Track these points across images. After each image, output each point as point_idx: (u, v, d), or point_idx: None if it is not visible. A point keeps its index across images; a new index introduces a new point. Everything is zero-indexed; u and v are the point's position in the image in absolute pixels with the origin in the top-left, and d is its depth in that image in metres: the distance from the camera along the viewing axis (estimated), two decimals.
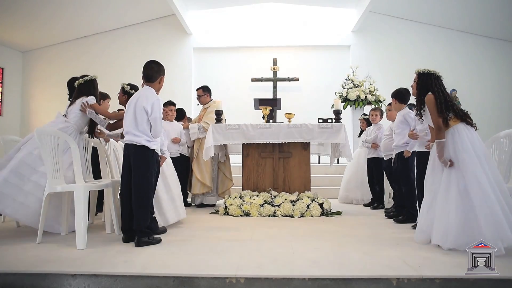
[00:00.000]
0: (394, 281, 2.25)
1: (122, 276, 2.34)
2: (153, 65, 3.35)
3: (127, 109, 3.27)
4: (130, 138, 3.17)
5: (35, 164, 3.48)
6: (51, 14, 8.63)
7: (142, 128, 3.15)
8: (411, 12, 9.39)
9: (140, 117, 3.14)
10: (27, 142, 3.63)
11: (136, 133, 3.15)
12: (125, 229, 3.24)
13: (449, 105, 3.12)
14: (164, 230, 3.64)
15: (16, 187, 3.39)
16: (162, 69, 3.38)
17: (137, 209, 3.12)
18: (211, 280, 2.29)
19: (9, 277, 2.40)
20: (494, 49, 9.53)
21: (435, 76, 3.24)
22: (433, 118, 3.13)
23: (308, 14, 9.83)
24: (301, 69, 9.71)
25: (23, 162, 3.46)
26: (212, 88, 6.19)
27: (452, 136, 3.08)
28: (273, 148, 5.20)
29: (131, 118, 3.18)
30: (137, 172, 3.15)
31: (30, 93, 9.97)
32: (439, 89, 3.18)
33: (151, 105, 3.14)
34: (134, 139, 3.15)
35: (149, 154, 3.20)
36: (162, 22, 9.90)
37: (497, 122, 9.04)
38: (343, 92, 8.45)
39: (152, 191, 3.29)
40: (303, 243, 3.20)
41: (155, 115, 3.15)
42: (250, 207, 4.70)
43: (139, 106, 3.16)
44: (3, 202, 3.33)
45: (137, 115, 3.15)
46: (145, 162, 3.17)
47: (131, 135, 3.17)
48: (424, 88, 3.24)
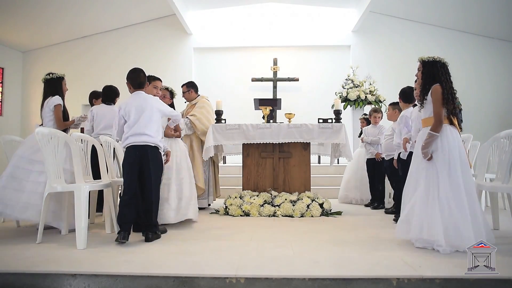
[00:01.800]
0: (394, 281, 2.25)
1: (122, 276, 2.33)
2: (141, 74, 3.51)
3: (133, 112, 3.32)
4: (144, 139, 3.31)
5: (29, 165, 3.57)
6: (51, 14, 8.63)
7: (156, 129, 3.40)
8: (411, 12, 9.39)
9: (156, 119, 3.39)
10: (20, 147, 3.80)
11: (151, 134, 3.34)
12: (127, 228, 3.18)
13: (451, 98, 3.02)
14: (164, 230, 3.64)
15: (16, 191, 3.47)
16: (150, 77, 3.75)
17: (155, 206, 3.37)
18: (211, 280, 2.29)
19: (9, 277, 2.40)
20: (493, 49, 9.53)
21: (441, 64, 3.10)
22: (435, 109, 3.01)
23: (308, 14, 9.83)
24: (301, 69, 9.71)
25: (16, 167, 3.57)
26: (212, 88, 6.18)
27: (445, 133, 3.02)
28: (273, 148, 5.20)
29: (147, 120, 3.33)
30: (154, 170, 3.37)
31: (30, 93, 9.96)
32: (445, 78, 3.06)
33: (163, 105, 3.51)
34: (149, 139, 3.33)
35: (160, 154, 3.49)
36: (162, 22, 9.90)
37: (495, 121, 9.05)
38: (343, 92, 8.45)
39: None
40: (303, 243, 3.20)
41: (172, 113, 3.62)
42: (250, 207, 4.70)
43: (155, 108, 3.39)
44: (8, 207, 3.42)
45: (152, 117, 3.36)
46: (160, 161, 3.47)
47: (146, 136, 3.31)
48: (430, 78, 3.09)
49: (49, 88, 3.99)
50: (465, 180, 2.93)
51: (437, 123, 3.00)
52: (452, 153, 2.95)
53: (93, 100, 5.20)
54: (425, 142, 3.02)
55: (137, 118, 3.30)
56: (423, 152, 3.03)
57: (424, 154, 3.03)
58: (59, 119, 3.94)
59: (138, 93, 3.42)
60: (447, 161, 2.94)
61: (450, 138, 2.99)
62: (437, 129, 3.00)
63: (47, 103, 3.94)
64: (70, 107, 4.62)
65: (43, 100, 4.01)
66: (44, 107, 3.96)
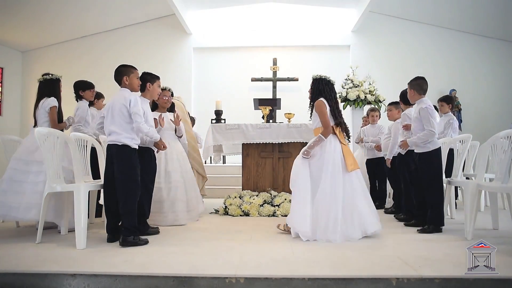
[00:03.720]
0: (394, 281, 2.25)
1: (122, 276, 2.33)
2: (117, 68, 3.36)
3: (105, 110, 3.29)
4: (110, 138, 3.20)
5: (26, 166, 3.58)
6: (51, 14, 8.62)
7: (123, 126, 3.18)
8: (411, 12, 9.39)
9: (120, 113, 3.17)
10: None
11: (116, 130, 3.17)
12: (110, 229, 3.25)
13: (337, 111, 3.58)
14: (157, 231, 3.62)
15: (18, 193, 3.48)
16: (124, 69, 3.34)
17: (123, 208, 3.12)
18: (211, 280, 2.28)
19: (9, 277, 2.39)
20: (491, 49, 9.54)
21: (326, 81, 3.64)
22: (322, 119, 3.50)
23: (308, 14, 9.83)
24: (301, 69, 9.70)
25: (14, 170, 3.58)
26: (212, 88, 6.16)
27: (328, 141, 3.46)
28: (273, 148, 5.20)
29: (111, 117, 3.21)
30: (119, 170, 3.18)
31: (29, 93, 9.94)
32: (329, 94, 3.61)
33: (128, 101, 3.18)
34: (115, 138, 3.16)
35: (131, 152, 3.21)
36: (162, 22, 9.90)
37: (494, 121, 9.04)
38: (343, 92, 8.42)
39: (138, 190, 3.22)
40: (303, 243, 3.20)
41: (134, 110, 3.17)
42: (250, 207, 4.70)
43: (119, 103, 3.19)
44: (12, 210, 3.43)
45: (115, 112, 3.18)
46: (128, 160, 3.19)
47: (112, 135, 3.18)
48: (316, 93, 3.63)
49: (45, 89, 3.93)
50: (332, 182, 3.35)
51: (326, 130, 3.46)
52: (326, 157, 3.40)
53: (94, 100, 5.13)
54: (313, 143, 3.45)
55: (106, 116, 3.26)
56: (306, 150, 3.44)
57: (306, 153, 3.44)
58: (53, 121, 3.89)
59: (119, 90, 3.32)
60: (321, 164, 3.40)
61: (328, 145, 3.44)
62: (326, 135, 3.46)
63: (43, 104, 3.87)
64: (70, 107, 4.61)
65: (38, 100, 3.93)
66: (39, 108, 3.88)
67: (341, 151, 3.48)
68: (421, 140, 3.65)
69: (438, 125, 3.84)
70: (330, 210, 3.29)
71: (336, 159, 3.42)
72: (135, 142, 3.24)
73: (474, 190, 3.45)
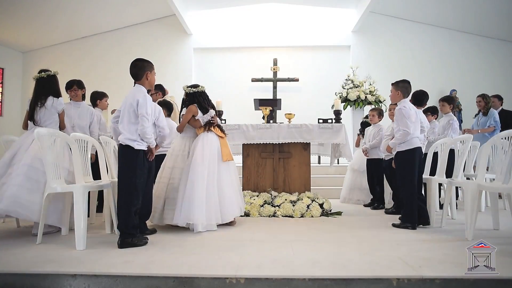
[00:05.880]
0: (394, 281, 2.25)
1: (122, 276, 2.33)
2: (137, 63, 3.27)
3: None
4: (120, 138, 3.16)
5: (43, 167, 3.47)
6: (51, 14, 8.63)
7: (127, 124, 3.13)
8: (411, 13, 9.39)
9: (128, 113, 3.12)
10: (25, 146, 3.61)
11: (123, 131, 3.13)
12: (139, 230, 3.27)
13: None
14: (154, 231, 3.63)
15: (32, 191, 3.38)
16: (146, 64, 3.27)
17: (120, 209, 3.11)
18: (211, 280, 2.29)
19: (9, 277, 2.40)
20: (492, 49, 9.54)
21: (199, 92, 4.17)
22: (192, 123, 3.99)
23: (308, 14, 9.83)
24: (301, 69, 9.72)
25: (31, 168, 3.45)
26: (212, 88, 6.16)
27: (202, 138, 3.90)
28: (273, 148, 5.20)
29: (122, 116, 3.17)
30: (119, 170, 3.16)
31: (30, 93, 9.88)
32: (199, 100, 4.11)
33: (136, 102, 3.10)
34: (121, 138, 3.13)
35: (133, 154, 3.13)
36: (162, 22, 9.91)
37: None
38: (343, 93, 8.45)
39: (137, 192, 3.13)
40: (303, 243, 3.20)
41: (141, 112, 3.09)
42: (250, 207, 4.70)
43: (127, 104, 3.13)
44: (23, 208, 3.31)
45: (125, 112, 3.14)
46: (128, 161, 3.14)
47: (121, 135, 3.15)
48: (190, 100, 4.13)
49: (45, 86, 3.81)
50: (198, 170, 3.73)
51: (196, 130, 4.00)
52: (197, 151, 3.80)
53: (97, 101, 5.11)
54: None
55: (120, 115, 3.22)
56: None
57: None
58: (63, 122, 3.92)
59: (134, 86, 3.26)
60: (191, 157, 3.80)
61: (199, 141, 3.87)
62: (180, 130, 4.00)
63: (52, 104, 3.77)
64: None
65: (37, 99, 3.78)
66: (44, 107, 3.75)
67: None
68: (399, 141, 3.87)
69: (413, 125, 3.88)
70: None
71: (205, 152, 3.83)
72: (138, 143, 3.14)
73: (475, 191, 3.45)
